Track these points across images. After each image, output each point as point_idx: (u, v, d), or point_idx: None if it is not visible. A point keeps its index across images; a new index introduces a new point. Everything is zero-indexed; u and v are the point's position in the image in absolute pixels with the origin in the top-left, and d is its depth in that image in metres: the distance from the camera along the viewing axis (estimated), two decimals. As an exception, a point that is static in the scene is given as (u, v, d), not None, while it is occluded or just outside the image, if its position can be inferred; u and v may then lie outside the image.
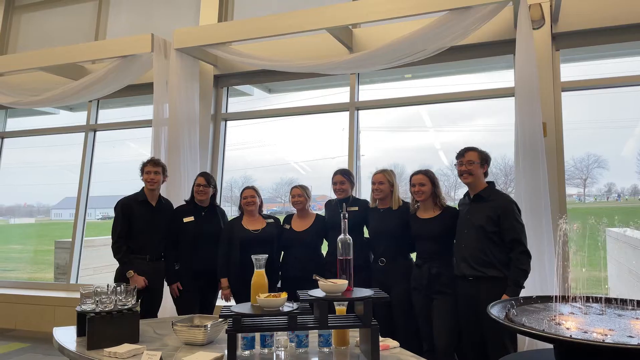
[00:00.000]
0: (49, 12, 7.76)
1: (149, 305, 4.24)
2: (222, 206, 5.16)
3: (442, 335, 3.60)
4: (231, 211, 4.58)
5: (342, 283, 2.45)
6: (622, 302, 2.62)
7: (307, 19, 5.10)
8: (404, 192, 4.22)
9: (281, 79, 6.12)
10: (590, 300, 2.65)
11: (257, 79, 6.31)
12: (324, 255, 4.28)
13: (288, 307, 2.43)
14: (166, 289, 4.38)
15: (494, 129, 4.82)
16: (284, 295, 2.44)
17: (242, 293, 4.02)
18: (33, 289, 6.90)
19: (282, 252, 4.38)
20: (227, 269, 4.22)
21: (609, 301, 2.65)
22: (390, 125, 6.30)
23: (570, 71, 5.03)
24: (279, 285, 4.28)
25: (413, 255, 4.00)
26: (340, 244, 2.63)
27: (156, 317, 4.22)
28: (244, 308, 2.46)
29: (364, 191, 5.63)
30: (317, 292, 2.46)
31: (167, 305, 4.57)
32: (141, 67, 6.01)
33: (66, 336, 3.00)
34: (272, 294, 2.46)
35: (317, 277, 2.49)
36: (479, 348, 3.48)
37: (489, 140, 5.41)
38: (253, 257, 2.66)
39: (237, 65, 6.03)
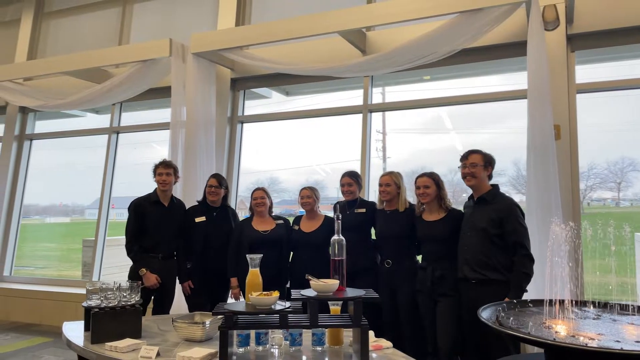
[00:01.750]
0: (76, 18, 8.01)
1: (161, 302, 4.37)
2: (245, 208, 5.23)
3: (446, 337, 3.59)
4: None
5: (333, 283, 2.48)
6: (623, 308, 2.58)
7: (321, 23, 5.14)
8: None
9: (297, 82, 6.15)
10: (589, 304, 2.62)
11: (274, 82, 6.37)
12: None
13: (280, 305, 2.47)
14: (178, 287, 4.49)
15: (522, 131, 4.71)
16: (276, 294, 2.49)
17: (251, 292, 4.08)
18: (58, 286, 7.14)
19: (292, 253, 4.43)
20: (236, 269, 4.29)
21: (609, 306, 2.61)
22: (417, 128, 6.25)
23: (595, 73, 4.92)
24: (288, 285, 4.34)
25: (420, 258, 4.01)
26: (335, 245, 2.67)
27: (168, 314, 4.33)
28: (237, 306, 2.52)
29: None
30: (309, 292, 2.50)
31: (181, 304, 4.67)
32: (160, 71, 6.16)
33: (75, 330, 3.12)
34: (265, 292, 2.51)
35: (309, 277, 2.54)
36: (482, 351, 3.46)
37: (514, 142, 5.30)
38: (248, 256, 2.72)
39: (253, 69, 6.11)
